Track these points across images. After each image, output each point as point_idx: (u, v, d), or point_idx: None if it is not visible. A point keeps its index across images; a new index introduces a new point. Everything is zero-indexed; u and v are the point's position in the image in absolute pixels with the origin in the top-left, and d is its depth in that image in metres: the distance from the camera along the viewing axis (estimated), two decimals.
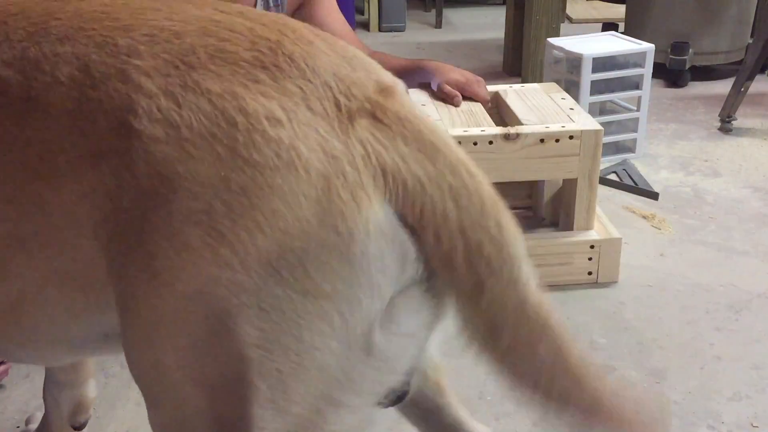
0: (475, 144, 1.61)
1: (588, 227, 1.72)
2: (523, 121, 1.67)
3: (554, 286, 1.70)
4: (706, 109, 2.85)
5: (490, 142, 1.62)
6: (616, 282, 1.71)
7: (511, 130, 1.63)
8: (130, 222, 0.66)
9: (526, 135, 1.62)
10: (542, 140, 1.62)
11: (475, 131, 1.63)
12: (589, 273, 1.71)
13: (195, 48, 0.68)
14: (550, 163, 1.65)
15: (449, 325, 1.63)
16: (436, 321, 0.83)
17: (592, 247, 1.69)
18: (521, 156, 1.63)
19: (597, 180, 1.69)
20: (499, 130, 1.63)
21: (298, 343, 0.66)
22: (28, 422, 1.36)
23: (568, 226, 1.74)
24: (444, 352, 1.49)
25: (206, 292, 0.63)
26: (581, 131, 1.63)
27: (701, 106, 2.89)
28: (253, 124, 0.64)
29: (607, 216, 1.82)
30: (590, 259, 1.69)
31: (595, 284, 1.71)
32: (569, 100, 1.82)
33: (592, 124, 1.66)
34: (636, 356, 1.48)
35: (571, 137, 1.63)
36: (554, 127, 1.64)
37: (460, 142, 1.58)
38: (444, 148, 0.71)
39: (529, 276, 0.76)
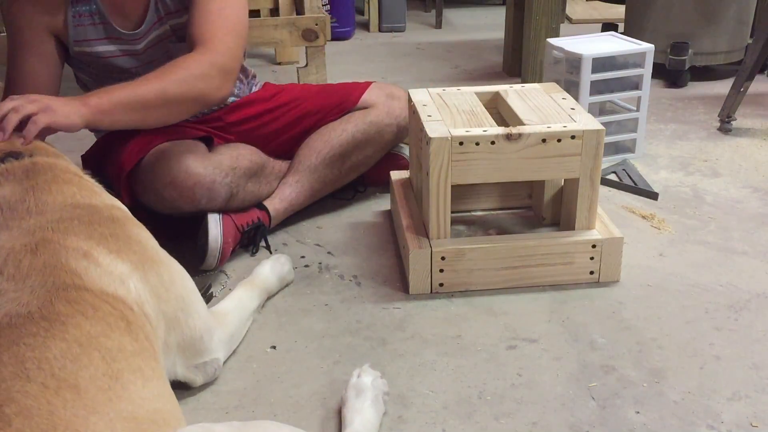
0: (477, 144, 1.62)
1: (590, 227, 1.73)
2: (524, 121, 1.67)
3: (555, 286, 1.70)
4: (705, 109, 2.85)
5: (492, 143, 1.62)
6: (618, 281, 1.72)
7: (513, 130, 1.63)
8: None
9: (528, 135, 1.62)
10: (544, 140, 1.63)
11: (477, 131, 1.63)
12: (591, 272, 1.71)
13: None
14: (552, 162, 1.65)
15: (452, 328, 1.65)
16: None
17: (594, 246, 1.69)
18: (523, 156, 1.64)
19: (599, 179, 1.69)
20: (501, 130, 1.63)
21: None
22: None
23: (570, 226, 1.75)
24: (444, 352, 1.50)
25: None
26: (583, 131, 1.63)
27: (701, 106, 2.89)
28: None
29: (606, 216, 1.82)
30: (592, 258, 1.70)
31: (596, 284, 1.71)
32: (570, 100, 1.82)
33: (593, 124, 1.66)
34: (635, 356, 1.48)
35: (573, 137, 1.63)
36: (556, 127, 1.64)
37: (461, 143, 1.60)
38: None
39: None
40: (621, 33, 2.72)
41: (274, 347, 1.52)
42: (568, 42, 2.40)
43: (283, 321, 1.61)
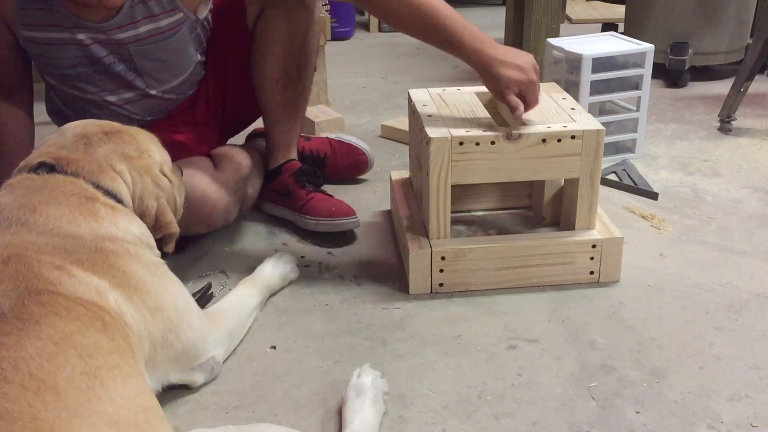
0: (477, 144, 1.62)
1: (590, 227, 1.73)
2: (524, 122, 1.68)
3: (555, 286, 1.70)
4: (705, 109, 2.85)
5: (492, 143, 1.62)
6: (618, 281, 1.72)
7: (513, 130, 1.63)
8: None
9: (528, 135, 1.62)
10: (544, 140, 1.63)
11: (477, 132, 1.63)
12: (591, 272, 1.71)
13: None
14: (552, 163, 1.65)
15: (452, 328, 1.64)
16: None
17: (594, 246, 1.69)
18: (523, 156, 1.64)
19: (599, 179, 1.69)
20: (501, 130, 1.63)
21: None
22: None
23: (570, 226, 1.75)
24: (444, 352, 1.50)
25: None
26: (583, 131, 1.63)
27: (701, 106, 2.89)
28: None
29: (606, 216, 1.82)
30: (592, 258, 1.70)
31: (596, 284, 1.71)
32: (570, 100, 1.82)
33: (593, 124, 1.66)
34: (635, 356, 1.48)
35: (573, 137, 1.63)
36: (556, 127, 1.64)
37: (461, 143, 1.60)
38: None
39: None
40: (621, 33, 2.73)
41: (274, 347, 1.52)
42: (568, 42, 2.40)
43: (283, 321, 1.61)
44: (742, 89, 2.55)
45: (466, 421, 1.32)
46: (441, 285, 1.69)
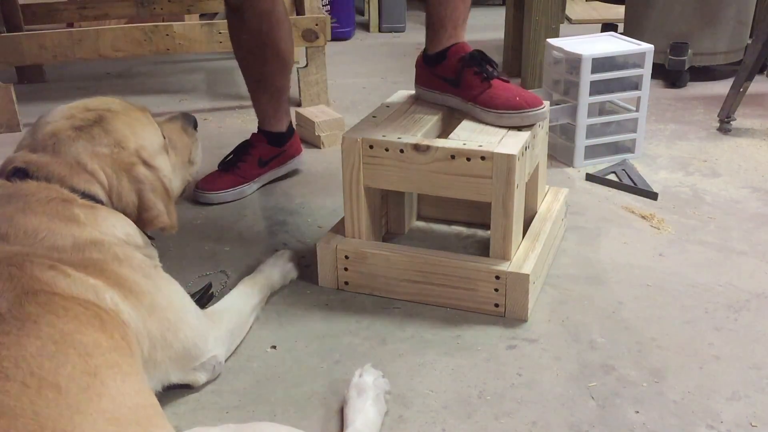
0: (386, 150, 1.61)
1: (504, 256, 1.61)
2: (452, 136, 1.64)
3: (553, 285, 1.70)
4: (705, 109, 2.85)
5: (401, 151, 1.60)
6: (525, 321, 1.60)
7: (423, 141, 1.60)
8: None
9: (436, 149, 1.58)
10: (453, 156, 1.57)
11: (391, 137, 1.62)
12: (496, 305, 1.60)
13: None
14: (462, 181, 1.58)
15: (452, 328, 1.64)
16: None
17: (497, 278, 1.58)
18: (432, 170, 1.59)
19: (512, 207, 1.56)
20: (412, 140, 1.61)
21: None
22: None
23: (494, 253, 1.64)
24: (444, 352, 1.50)
25: None
26: (493, 153, 1.53)
27: (700, 106, 2.89)
28: None
29: (540, 249, 1.66)
30: (497, 290, 1.59)
31: (596, 284, 1.71)
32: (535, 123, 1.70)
33: (511, 148, 1.55)
34: (635, 356, 1.48)
35: (483, 158, 1.54)
36: (470, 145, 1.57)
37: (371, 146, 1.61)
38: None
39: None
40: (621, 33, 2.73)
41: (274, 347, 1.52)
42: (568, 42, 2.40)
43: (283, 321, 1.61)
44: (741, 89, 2.55)
45: (466, 421, 1.32)
46: (346, 283, 1.69)
